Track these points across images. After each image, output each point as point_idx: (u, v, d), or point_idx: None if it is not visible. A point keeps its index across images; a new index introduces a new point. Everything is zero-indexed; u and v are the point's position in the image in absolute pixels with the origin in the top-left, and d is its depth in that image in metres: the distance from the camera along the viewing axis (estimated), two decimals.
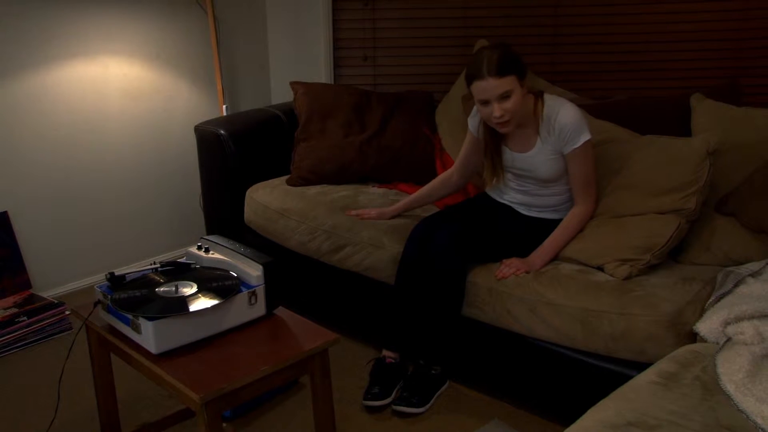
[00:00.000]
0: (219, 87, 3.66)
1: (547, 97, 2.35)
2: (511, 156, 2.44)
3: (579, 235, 2.38)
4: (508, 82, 2.21)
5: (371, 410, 2.39)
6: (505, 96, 2.22)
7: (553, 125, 2.31)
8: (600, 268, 2.27)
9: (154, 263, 2.01)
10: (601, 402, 1.56)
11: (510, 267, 2.32)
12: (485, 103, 2.26)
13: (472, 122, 2.53)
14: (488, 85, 2.21)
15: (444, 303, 2.35)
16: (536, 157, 2.38)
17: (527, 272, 2.30)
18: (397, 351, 2.50)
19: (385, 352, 2.50)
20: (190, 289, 1.83)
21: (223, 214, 3.23)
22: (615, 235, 2.29)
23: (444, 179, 2.70)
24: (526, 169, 2.42)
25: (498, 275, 2.32)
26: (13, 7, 2.91)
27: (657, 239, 2.22)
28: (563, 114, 2.30)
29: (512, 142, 2.42)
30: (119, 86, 3.34)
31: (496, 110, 2.23)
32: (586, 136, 2.30)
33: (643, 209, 2.29)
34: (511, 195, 2.55)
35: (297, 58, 3.91)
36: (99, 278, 3.32)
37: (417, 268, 2.42)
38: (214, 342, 1.80)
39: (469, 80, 2.26)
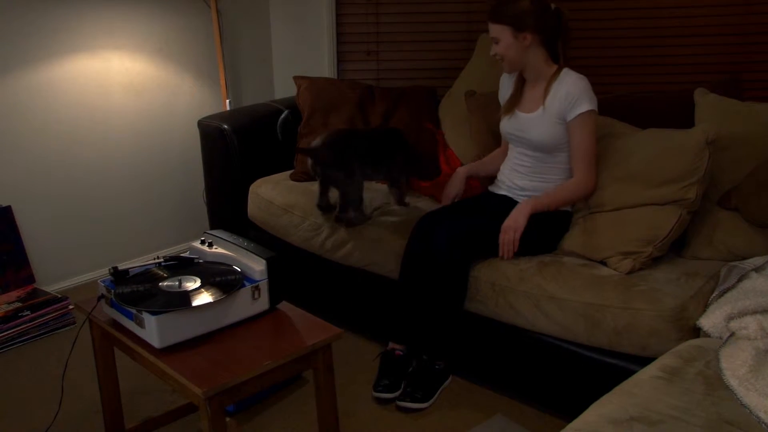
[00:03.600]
0: (222, 81, 3.66)
1: (566, 69, 2.41)
2: (516, 117, 2.49)
3: (581, 229, 2.37)
4: (496, 30, 2.38)
5: (380, 402, 2.40)
6: (495, 40, 2.39)
7: (560, 90, 2.37)
8: (603, 263, 2.27)
9: (158, 258, 2.02)
10: (604, 397, 1.56)
11: (506, 244, 2.35)
12: None
13: (502, 95, 2.63)
14: (488, 26, 2.41)
15: (446, 297, 2.35)
16: (536, 119, 2.43)
17: (519, 235, 2.33)
18: (404, 343, 2.50)
19: (393, 345, 2.51)
20: (193, 284, 1.83)
21: (226, 209, 3.24)
22: (616, 228, 2.28)
23: (502, 152, 2.73)
24: (523, 129, 2.46)
25: (503, 256, 2.35)
26: (14, 3, 2.91)
27: (658, 231, 2.22)
28: (571, 81, 2.37)
29: (522, 101, 2.50)
30: (122, 81, 3.34)
31: (491, 49, 2.45)
32: (588, 106, 2.34)
33: (644, 200, 2.28)
34: (512, 180, 2.56)
35: (300, 52, 3.91)
36: (102, 273, 3.32)
37: (421, 263, 2.42)
38: (217, 337, 1.80)
39: None
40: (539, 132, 2.41)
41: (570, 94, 2.34)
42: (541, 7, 2.35)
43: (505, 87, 2.61)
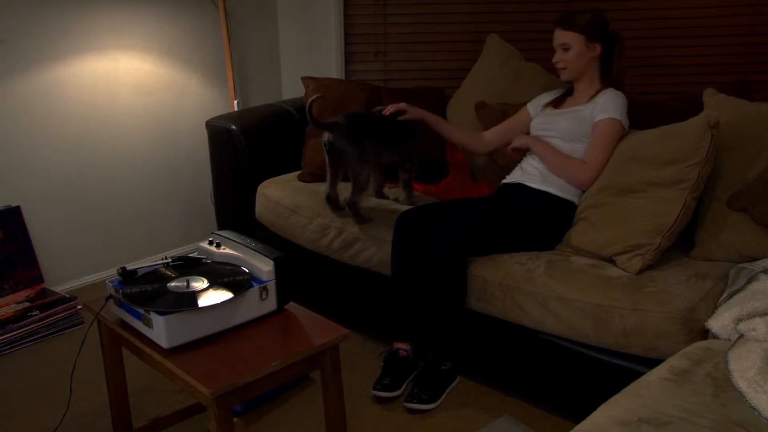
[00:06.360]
0: (230, 82, 3.67)
1: (612, 89, 2.54)
2: (551, 113, 2.64)
3: (588, 224, 2.37)
4: (568, 37, 2.50)
5: (379, 401, 2.40)
6: (565, 47, 2.51)
7: (599, 100, 2.52)
8: (612, 261, 2.26)
9: (166, 258, 2.02)
10: (612, 398, 1.55)
11: (516, 141, 2.62)
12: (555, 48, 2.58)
13: (536, 104, 2.76)
14: (555, 34, 2.54)
15: (445, 296, 2.35)
16: (569, 112, 2.57)
17: (523, 141, 2.61)
18: (407, 341, 2.50)
19: (397, 345, 2.50)
20: (201, 284, 1.84)
21: (233, 210, 3.24)
22: (623, 221, 2.26)
23: (477, 136, 2.86)
24: (553, 122, 2.59)
25: (511, 148, 2.64)
26: (22, 4, 2.93)
27: (665, 219, 2.19)
28: (613, 93, 2.52)
29: (563, 106, 2.65)
30: (130, 81, 3.35)
31: (555, 56, 2.56)
32: (618, 116, 2.45)
33: (648, 179, 2.26)
34: (528, 162, 2.62)
35: (308, 53, 3.91)
36: (111, 273, 3.33)
37: (413, 259, 2.44)
38: (225, 337, 1.80)
39: None
40: (566, 123, 2.55)
41: (607, 101, 2.49)
42: (605, 22, 2.54)
43: (543, 99, 2.74)
